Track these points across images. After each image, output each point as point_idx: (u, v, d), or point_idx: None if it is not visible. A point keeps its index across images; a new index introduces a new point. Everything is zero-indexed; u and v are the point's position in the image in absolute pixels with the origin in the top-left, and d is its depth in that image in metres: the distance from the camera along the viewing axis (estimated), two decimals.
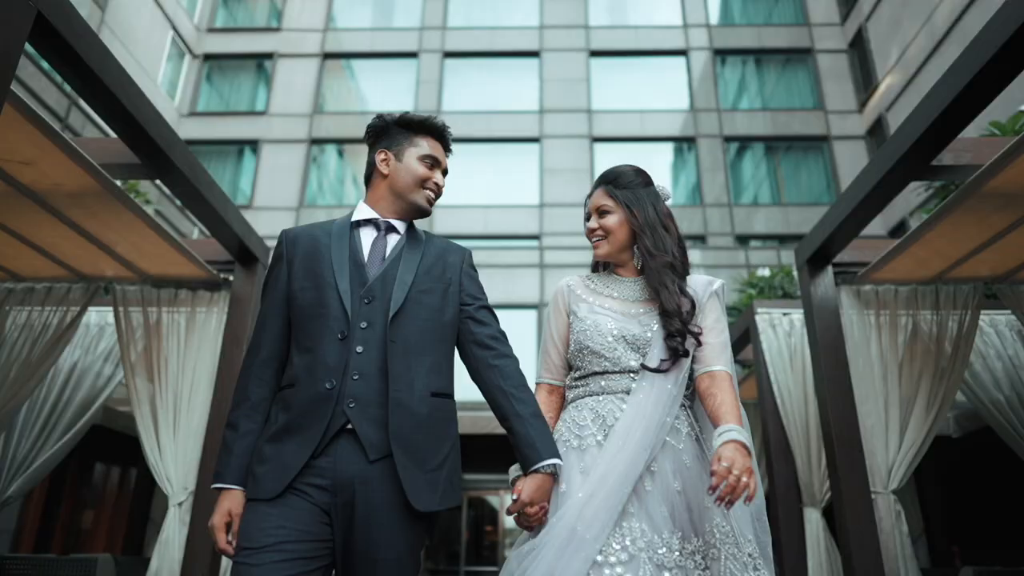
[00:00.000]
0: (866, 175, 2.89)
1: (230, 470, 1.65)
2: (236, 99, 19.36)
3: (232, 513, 1.61)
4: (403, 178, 1.86)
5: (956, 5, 13.80)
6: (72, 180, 2.65)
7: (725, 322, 1.88)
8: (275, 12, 20.42)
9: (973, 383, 4.07)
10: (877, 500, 3.16)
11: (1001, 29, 2.04)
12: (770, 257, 16.67)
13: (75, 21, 2.09)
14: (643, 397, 1.71)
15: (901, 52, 16.05)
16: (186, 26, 18.80)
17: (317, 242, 1.81)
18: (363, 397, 1.63)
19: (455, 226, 17.39)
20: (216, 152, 18.48)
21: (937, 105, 2.35)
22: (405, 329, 1.71)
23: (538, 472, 1.63)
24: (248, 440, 1.67)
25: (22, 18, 1.86)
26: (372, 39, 19.64)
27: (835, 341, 3.38)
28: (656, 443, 1.65)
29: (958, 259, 3.33)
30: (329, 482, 1.58)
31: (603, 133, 18.45)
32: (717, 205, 17.74)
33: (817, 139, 18.46)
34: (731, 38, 19.79)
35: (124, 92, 2.36)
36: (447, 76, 19.17)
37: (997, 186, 2.61)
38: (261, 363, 1.73)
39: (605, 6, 20.30)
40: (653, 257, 1.85)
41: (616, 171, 2.03)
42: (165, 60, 17.76)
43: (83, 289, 3.64)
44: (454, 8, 20.11)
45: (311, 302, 1.72)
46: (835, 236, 3.30)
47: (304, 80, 18.92)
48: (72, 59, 2.11)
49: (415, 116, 1.93)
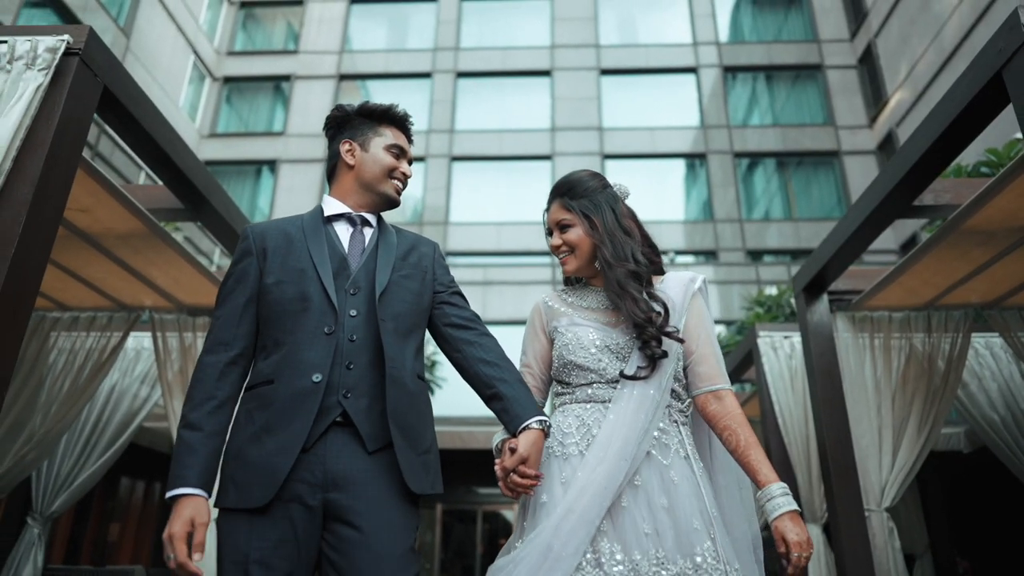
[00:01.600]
0: (855, 213, 3.09)
1: (195, 473, 1.48)
2: (255, 120, 19.82)
3: (196, 523, 1.44)
4: (371, 168, 1.83)
5: (964, 22, 13.94)
6: (122, 224, 2.92)
7: (711, 322, 1.81)
8: (292, 35, 20.91)
9: (969, 403, 4.24)
10: (871, 517, 3.33)
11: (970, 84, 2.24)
12: (780, 273, 16.77)
13: (132, 89, 2.35)
14: (624, 404, 1.65)
15: (910, 68, 16.18)
16: (206, 50, 19.31)
17: (289, 236, 1.75)
18: (358, 387, 1.59)
19: (468, 243, 17.66)
20: (235, 172, 18.91)
21: (915, 152, 2.55)
22: (392, 310, 1.68)
23: (530, 428, 1.58)
24: (215, 442, 1.54)
25: (92, 92, 2.12)
26: (387, 60, 20.06)
27: (830, 365, 3.56)
28: (638, 453, 1.60)
29: (947, 288, 3.51)
30: (319, 477, 1.51)
31: (614, 150, 18.68)
32: (728, 221, 17.88)
33: (828, 154, 18.59)
34: (741, 55, 20.01)
35: (172, 148, 2.61)
36: (460, 95, 19.53)
37: (975, 224, 2.81)
38: (230, 361, 1.62)
39: (615, 25, 20.60)
40: (612, 268, 1.76)
41: (569, 180, 1.92)
42: (187, 83, 18.26)
43: (124, 318, 3.90)
44: (466, 29, 20.49)
45: (291, 296, 1.65)
46: (829, 266, 3.49)
47: (321, 101, 19.34)
48: (130, 122, 2.37)
49: (377, 106, 1.89)
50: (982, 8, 13.29)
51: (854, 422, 3.50)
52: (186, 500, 1.45)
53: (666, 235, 17.77)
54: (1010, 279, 3.40)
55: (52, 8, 13.03)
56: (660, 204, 18.34)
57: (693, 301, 1.79)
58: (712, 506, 1.61)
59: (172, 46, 17.44)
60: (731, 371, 5.49)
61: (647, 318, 1.68)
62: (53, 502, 4.11)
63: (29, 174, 1.89)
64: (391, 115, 1.89)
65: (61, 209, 2.01)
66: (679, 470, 1.62)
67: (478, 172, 18.46)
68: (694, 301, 1.79)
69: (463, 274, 16.62)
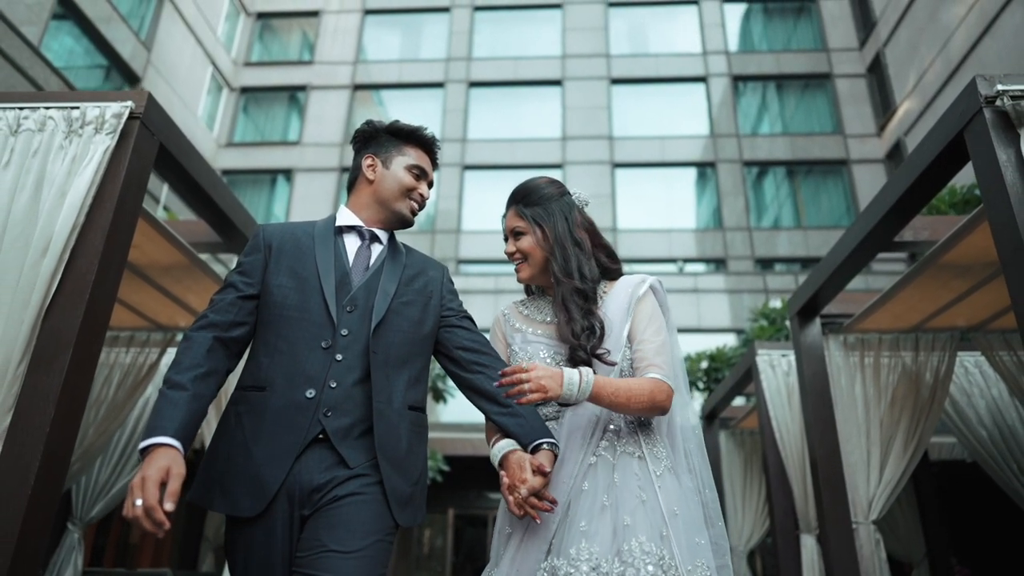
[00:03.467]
0: (842, 245, 3.32)
1: (174, 426, 1.43)
2: (271, 130, 20.22)
3: (171, 472, 1.36)
4: (389, 186, 1.84)
5: (971, 33, 14.05)
6: (167, 256, 3.19)
7: (660, 318, 1.79)
8: (308, 46, 21.31)
9: (958, 419, 4.44)
10: (859, 530, 3.55)
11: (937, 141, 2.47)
12: (789, 282, 16.92)
13: (183, 143, 2.62)
14: (565, 428, 1.70)
15: (919, 78, 16.29)
16: (224, 61, 19.71)
17: (299, 241, 1.77)
18: (340, 407, 1.59)
19: (481, 251, 17.93)
20: (251, 181, 19.30)
21: (892, 196, 2.78)
22: (386, 340, 1.68)
23: (544, 449, 1.60)
24: (198, 404, 1.51)
25: (150, 150, 2.39)
26: (400, 70, 20.41)
27: (821, 385, 3.78)
28: (579, 472, 1.62)
29: (933, 313, 3.72)
30: (295, 492, 1.53)
31: (624, 159, 18.92)
32: (737, 229, 18.05)
33: (836, 163, 18.73)
34: (750, 64, 20.19)
35: (215, 191, 2.89)
36: (472, 105, 19.83)
37: (952, 259, 3.02)
38: (218, 339, 1.62)
39: (625, 35, 20.84)
40: (559, 283, 1.77)
41: (526, 187, 1.92)
42: (205, 94, 18.68)
43: (160, 337, 4.18)
44: (479, 39, 20.81)
45: (293, 303, 1.66)
46: (820, 293, 3.71)
47: (335, 111, 19.72)
48: (180, 172, 2.64)
49: (405, 126, 1.91)
50: (989, 20, 13.41)
51: (844, 439, 3.72)
52: (162, 450, 1.40)
53: (676, 243, 17.97)
54: (991, 306, 3.61)
55: (75, 20, 13.42)
56: (670, 213, 18.54)
57: (639, 305, 1.78)
58: (668, 503, 1.59)
59: (191, 57, 17.85)
60: (732, 386, 5.71)
61: (578, 342, 1.69)
62: (92, 509, 4.39)
63: (100, 225, 2.16)
64: (418, 136, 1.91)
65: (126, 254, 2.28)
66: (623, 469, 1.63)
67: (490, 181, 18.73)
68: (640, 305, 1.78)
69: (474, 282, 16.89)
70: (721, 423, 6.64)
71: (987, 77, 2.21)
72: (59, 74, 12.11)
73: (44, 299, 2.03)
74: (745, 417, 6.13)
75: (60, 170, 2.17)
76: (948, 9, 15.07)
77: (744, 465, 6.45)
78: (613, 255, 1.91)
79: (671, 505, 1.58)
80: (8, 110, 2.27)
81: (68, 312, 2.05)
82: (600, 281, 1.85)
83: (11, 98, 2.33)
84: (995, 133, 2.13)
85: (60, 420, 1.96)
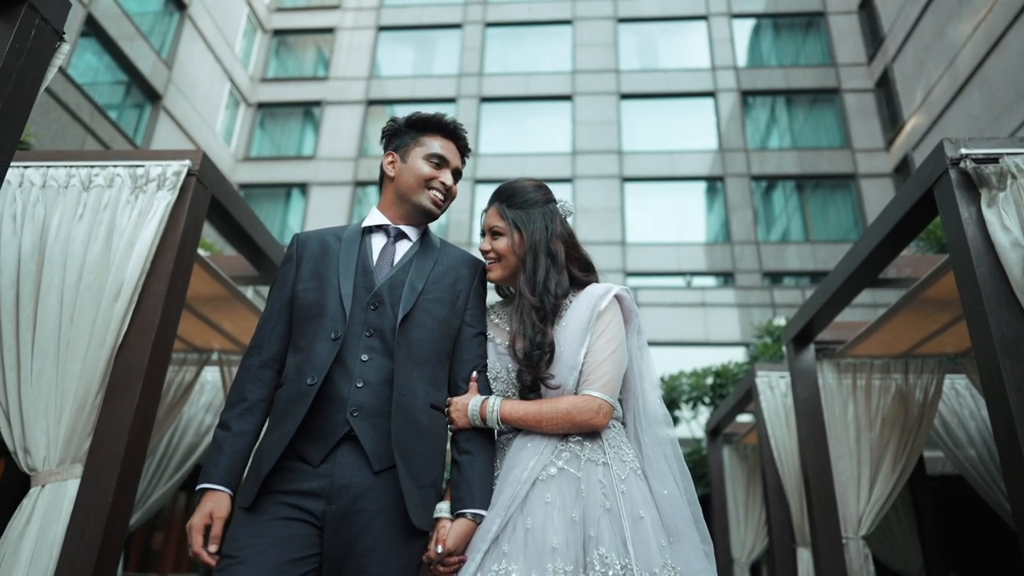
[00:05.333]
0: (832, 279, 3.57)
1: (218, 469, 1.59)
2: (287, 144, 20.66)
3: (214, 516, 1.56)
4: (406, 179, 1.82)
5: (978, 51, 14.22)
6: (209, 289, 3.49)
7: (614, 332, 1.75)
8: (323, 62, 21.76)
9: (949, 440, 4.67)
10: (848, 545, 3.78)
11: (910, 196, 2.73)
12: (796, 297, 17.09)
13: (231, 193, 2.92)
14: (515, 448, 1.69)
15: (926, 94, 16.46)
16: (241, 77, 20.17)
17: (327, 245, 1.79)
18: (367, 406, 1.60)
19: None
20: (268, 194, 19.71)
21: (873, 240, 3.04)
22: (411, 335, 1.67)
23: (464, 518, 1.58)
24: (242, 441, 1.63)
25: (204, 202, 2.69)
26: (413, 86, 20.80)
27: (814, 407, 4.02)
28: (518, 492, 1.59)
29: (920, 340, 3.96)
30: (324, 487, 1.54)
31: (633, 173, 19.19)
32: (746, 243, 18.25)
33: (845, 177, 18.90)
34: (759, 79, 20.43)
35: (255, 231, 3.18)
36: (484, 120, 20.19)
37: (932, 295, 3.27)
38: (262, 364, 1.70)
39: (635, 50, 21.15)
40: (521, 296, 1.76)
41: (512, 187, 1.89)
42: (223, 109, 19.12)
43: (196, 358, 4.48)
44: (490, 55, 21.18)
45: (312, 302, 1.70)
46: (814, 321, 3.96)
47: (350, 126, 20.12)
48: (228, 219, 2.94)
49: (423, 115, 1.87)
50: (995, 38, 13.59)
51: (835, 458, 3.96)
52: (209, 495, 1.59)
53: (685, 257, 18.20)
54: None
55: (96, 38, 13.83)
56: (679, 226, 18.78)
57: (599, 319, 1.74)
58: (632, 508, 1.58)
59: (210, 75, 18.30)
60: (734, 404, 5.95)
61: (527, 362, 1.69)
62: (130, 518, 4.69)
63: (163, 272, 2.46)
64: (435, 123, 1.86)
65: (184, 296, 2.57)
66: (588, 479, 1.61)
67: None
68: (600, 319, 1.74)
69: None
70: (725, 439, 6.88)
71: (953, 140, 2.46)
72: (82, 91, 12.52)
73: (117, 338, 2.32)
74: (747, 434, 6.36)
75: (128, 223, 2.47)
76: (955, 27, 15.26)
77: (747, 479, 6.67)
78: (588, 266, 1.89)
79: (635, 509, 1.57)
80: (80, 168, 2.57)
81: (137, 349, 2.34)
82: (568, 294, 1.81)
83: (83, 156, 2.63)
84: (959, 192, 2.39)
85: (132, 443, 2.26)
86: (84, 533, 2.12)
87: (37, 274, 2.36)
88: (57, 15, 1.88)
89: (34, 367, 2.26)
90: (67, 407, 2.24)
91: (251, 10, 20.86)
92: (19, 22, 1.76)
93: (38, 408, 2.23)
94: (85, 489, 2.18)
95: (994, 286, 2.23)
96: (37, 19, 1.81)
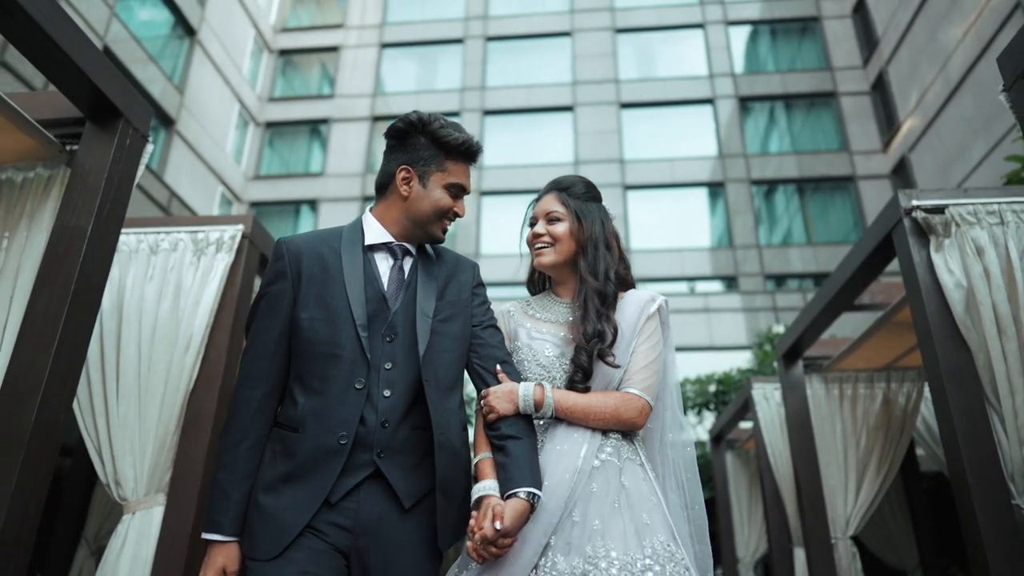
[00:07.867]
0: (814, 304, 3.94)
1: (227, 519, 1.52)
2: (295, 162, 21.14)
3: (227, 571, 1.50)
4: (423, 207, 1.70)
5: (968, 55, 14.53)
6: None
7: (657, 339, 1.80)
8: (328, 80, 22.23)
9: (932, 443, 5.01)
10: (837, 544, 4.13)
11: (874, 237, 3.09)
12: (798, 300, 17.41)
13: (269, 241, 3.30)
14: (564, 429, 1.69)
15: (920, 97, 16.76)
16: (250, 97, 20.66)
17: (325, 263, 1.65)
18: (392, 445, 1.56)
19: (496, 274, 18.39)
20: (278, 212, 20.18)
21: (844, 276, 3.41)
22: (436, 363, 1.62)
23: (518, 497, 1.49)
24: (247, 485, 1.55)
25: (255, 259, 3.07)
26: (417, 101, 21.22)
27: (804, 417, 4.38)
28: (580, 475, 1.61)
29: (900, 355, 4.32)
30: (351, 523, 1.51)
31: (635, 181, 19.56)
32: (747, 247, 18.59)
33: (843, 179, 19.23)
34: (756, 85, 20.78)
35: None
36: (487, 132, 20.59)
37: (902, 319, 3.63)
38: (264, 397, 1.60)
39: (634, 60, 21.54)
40: (584, 282, 1.78)
41: (569, 179, 1.94)
42: (233, 130, 19.62)
43: None
44: (492, 69, 21.61)
45: (323, 339, 1.58)
46: (802, 339, 4.32)
47: (356, 142, 20.58)
48: None
49: (452, 136, 1.70)
50: (985, 42, 13.91)
51: (824, 464, 4.31)
52: (218, 548, 1.52)
53: (688, 262, 18.54)
54: None
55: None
56: (682, 232, 19.12)
57: (646, 325, 1.79)
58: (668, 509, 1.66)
59: (219, 97, 18.79)
60: (733, 413, 6.32)
61: (587, 343, 1.70)
62: None
63: (224, 324, 2.84)
64: (464, 150, 1.73)
65: (243, 345, 2.95)
66: (631, 475, 1.66)
67: (505, 206, 19.44)
68: (647, 325, 1.79)
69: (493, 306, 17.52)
70: (727, 444, 7.24)
71: (907, 192, 2.83)
72: None
73: (188, 385, 2.71)
74: (748, 440, 6.72)
75: (193, 282, 2.86)
76: (946, 31, 15.58)
77: (749, 483, 7.03)
78: (629, 268, 1.95)
79: (674, 508, 1.69)
80: (148, 234, 2.96)
81: (206, 394, 2.73)
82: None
83: (148, 223, 3.03)
84: (912, 238, 2.75)
85: (207, 474, 2.64)
86: (171, 553, 2.50)
87: (117, 329, 2.75)
88: (143, 122, 2.28)
89: (119, 411, 2.65)
90: (149, 444, 2.62)
91: (257, 32, 21.36)
92: (118, 133, 2.15)
93: (124, 446, 2.61)
94: (169, 515, 2.56)
95: (941, 321, 2.60)
96: (131, 129, 2.20)
